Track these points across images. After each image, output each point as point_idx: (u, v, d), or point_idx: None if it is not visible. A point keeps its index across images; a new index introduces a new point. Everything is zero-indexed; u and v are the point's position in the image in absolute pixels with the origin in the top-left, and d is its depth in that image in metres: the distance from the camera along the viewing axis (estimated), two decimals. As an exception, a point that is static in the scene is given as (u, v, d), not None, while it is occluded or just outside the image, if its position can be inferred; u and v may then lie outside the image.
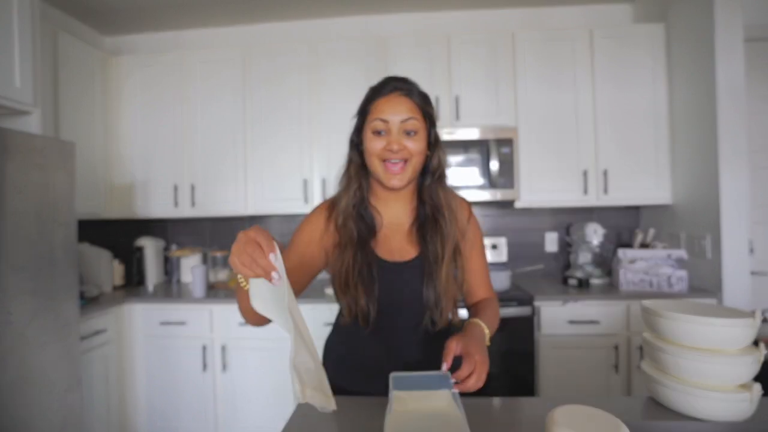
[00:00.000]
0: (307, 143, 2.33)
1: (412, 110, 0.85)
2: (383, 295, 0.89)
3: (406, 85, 0.87)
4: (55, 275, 1.59)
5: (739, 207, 1.84)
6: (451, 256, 0.89)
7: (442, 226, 0.89)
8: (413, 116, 0.84)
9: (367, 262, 0.88)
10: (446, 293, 0.88)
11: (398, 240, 0.93)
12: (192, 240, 2.74)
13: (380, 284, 0.88)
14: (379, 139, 0.85)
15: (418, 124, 0.85)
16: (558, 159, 2.23)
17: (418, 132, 0.86)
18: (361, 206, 0.92)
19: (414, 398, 0.79)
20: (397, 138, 0.84)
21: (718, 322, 0.74)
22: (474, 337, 0.82)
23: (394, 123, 0.84)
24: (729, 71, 1.84)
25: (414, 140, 0.85)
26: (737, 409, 0.73)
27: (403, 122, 0.84)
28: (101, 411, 1.98)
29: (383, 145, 0.84)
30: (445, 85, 2.27)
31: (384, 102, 0.85)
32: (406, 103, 0.85)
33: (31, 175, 1.50)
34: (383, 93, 0.86)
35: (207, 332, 2.09)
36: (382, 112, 0.84)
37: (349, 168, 0.93)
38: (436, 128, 0.91)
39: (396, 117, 0.84)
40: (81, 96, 2.25)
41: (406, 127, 0.84)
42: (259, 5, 2.49)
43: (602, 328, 1.92)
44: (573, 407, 0.62)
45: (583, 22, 2.53)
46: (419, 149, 0.86)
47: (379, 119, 0.84)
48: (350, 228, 0.89)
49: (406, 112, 0.84)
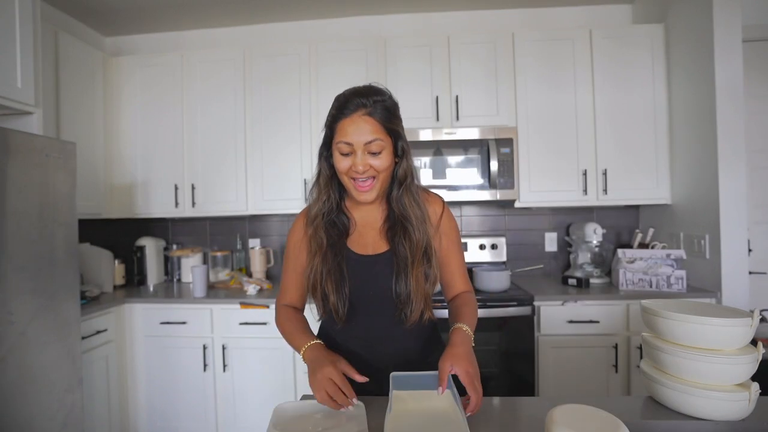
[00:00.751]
0: (307, 143, 2.33)
1: (376, 131, 0.86)
2: (357, 288, 0.93)
3: (370, 102, 0.87)
4: (56, 275, 1.59)
5: (738, 207, 1.85)
6: (421, 259, 0.92)
7: (410, 233, 0.93)
8: (377, 137, 0.86)
9: (338, 261, 0.92)
10: (417, 292, 0.90)
11: (372, 236, 0.98)
12: (192, 240, 2.74)
13: (354, 278, 0.92)
14: (346, 159, 0.88)
15: (382, 144, 0.87)
16: (558, 159, 2.23)
17: (383, 150, 0.88)
18: (332, 214, 0.96)
19: (414, 398, 0.79)
20: (362, 159, 0.86)
21: (717, 321, 0.74)
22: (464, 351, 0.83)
23: (359, 145, 0.86)
24: (728, 71, 1.84)
25: (379, 158, 0.87)
26: (736, 409, 0.73)
27: (366, 144, 0.86)
28: (102, 411, 1.98)
29: (350, 165, 0.87)
30: (445, 85, 2.28)
31: (348, 123, 0.86)
32: (370, 124, 0.86)
33: (32, 175, 1.50)
34: (347, 113, 0.87)
35: (207, 332, 2.09)
36: (346, 135, 0.86)
37: (318, 179, 0.97)
38: (404, 140, 0.93)
39: (360, 139, 0.85)
40: (82, 96, 2.25)
41: (370, 149, 0.86)
42: (259, 5, 2.49)
43: (602, 328, 1.92)
44: (572, 407, 0.62)
45: (583, 22, 2.53)
46: (384, 165, 0.88)
47: (343, 142, 0.86)
48: (320, 237, 0.94)
49: (369, 134, 0.86)
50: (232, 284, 2.33)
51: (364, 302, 0.93)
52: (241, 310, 2.06)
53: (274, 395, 2.06)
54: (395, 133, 0.91)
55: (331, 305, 0.91)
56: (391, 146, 0.90)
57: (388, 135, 0.89)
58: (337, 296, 0.91)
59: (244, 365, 2.08)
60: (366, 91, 0.89)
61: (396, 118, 0.91)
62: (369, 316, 0.94)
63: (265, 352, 2.06)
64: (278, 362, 2.05)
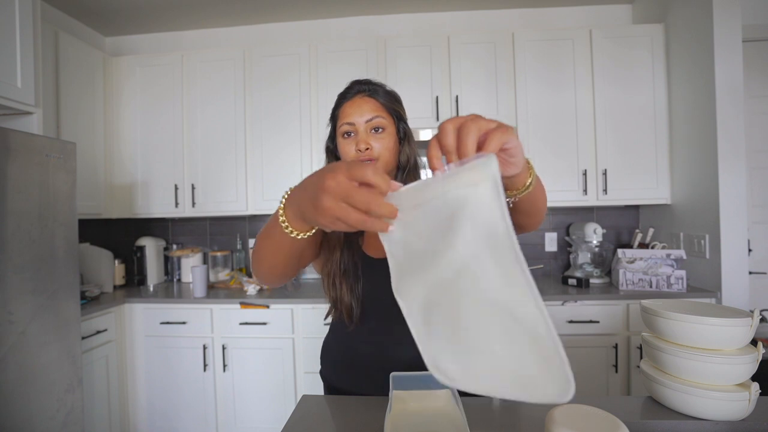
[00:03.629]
0: (307, 143, 2.33)
1: (377, 109, 0.87)
2: (370, 292, 0.91)
3: (371, 86, 0.89)
4: (56, 275, 1.59)
5: (738, 207, 1.85)
6: None
7: None
8: (378, 114, 0.87)
9: (353, 262, 0.91)
10: None
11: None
12: (192, 240, 2.74)
13: (367, 281, 0.91)
14: (349, 141, 0.87)
15: (384, 122, 0.87)
16: (557, 159, 2.23)
17: (386, 128, 0.87)
18: None
19: (414, 398, 0.79)
20: (364, 137, 0.86)
21: (717, 321, 0.74)
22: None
23: (360, 124, 0.86)
24: (728, 71, 1.84)
25: (380, 138, 0.87)
26: (736, 409, 0.73)
27: (368, 122, 0.86)
28: (102, 411, 1.98)
29: (354, 147, 0.87)
30: (445, 85, 2.28)
31: (349, 105, 0.88)
32: (371, 103, 0.87)
33: (32, 175, 1.50)
34: (348, 97, 0.89)
35: (207, 332, 2.09)
36: (348, 115, 0.87)
37: None
38: (406, 124, 0.94)
39: (361, 118, 0.86)
40: (82, 96, 2.25)
41: (371, 125, 0.86)
42: (259, 5, 2.49)
43: (602, 328, 1.92)
44: (572, 407, 0.62)
45: (583, 22, 2.53)
46: (386, 146, 0.87)
47: (345, 123, 0.87)
48: (338, 232, 0.92)
49: (370, 111, 0.87)
50: (232, 284, 2.33)
51: (377, 305, 0.92)
52: (241, 310, 2.06)
53: (274, 395, 2.06)
54: (397, 114, 0.91)
55: (344, 307, 0.90)
56: (393, 127, 0.90)
57: (390, 115, 0.89)
58: (351, 297, 0.90)
59: (244, 365, 2.08)
60: (364, 81, 0.91)
61: (398, 102, 0.92)
62: (381, 320, 0.93)
63: (265, 352, 2.06)
64: (278, 362, 2.05)
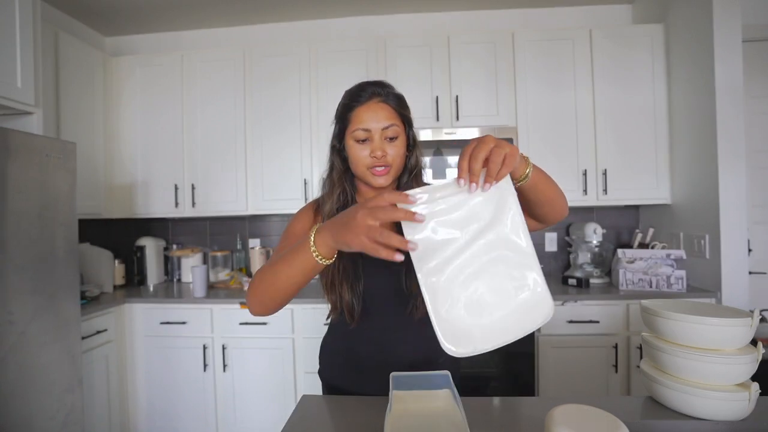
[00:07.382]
0: (307, 143, 2.33)
1: (391, 117, 0.88)
2: (371, 291, 0.92)
3: (383, 90, 0.89)
4: (56, 275, 1.59)
5: (738, 207, 1.85)
6: None
7: None
8: (393, 123, 0.87)
9: (353, 260, 0.91)
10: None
11: None
12: (192, 240, 2.74)
13: (367, 280, 0.91)
14: (363, 147, 0.87)
15: (398, 130, 0.88)
16: (557, 159, 2.23)
17: (399, 136, 0.89)
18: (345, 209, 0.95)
19: (414, 398, 0.79)
20: (379, 145, 0.86)
21: (717, 321, 0.74)
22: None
23: (376, 131, 0.86)
24: (728, 71, 1.84)
25: (395, 145, 0.88)
26: (736, 409, 0.73)
27: (384, 130, 0.86)
28: (102, 410, 1.98)
29: (368, 153, 0.87)
30: (445, 85, 2.28)
31: (364, 110, 0.87)
32: (386, 109, 0.87)
33: (32, 174, 1.50)
34: (361, 101, 0.88)
35: (207, 332, 2.09)
36: (363, 121, 0.86)
37: (332, 173, 0.96)
38: (413, 128, 0.95)
39: (377, 125, 0.86)
40: (82, 96, 2.25)
41: (387, 134, 0.87)
42: (259, 5, 2.49)
43: (602, 328, 1.92)
44: (572, 407, 0.62)
45: (583, 22, 2.53)
46: (400, 153, 0.89)
47: (360, 129, 0.86)
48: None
49: (385, 119, 0.87)
50: (232, 284, 2.33)
51: (377, 301, 0.93)
52: (241, 310, 2.06)
53: (274, 395, 2.06)
54: (408, 121, 0.92)
55: (345, 305, 0.91)
56: (404, 134, 0.91)
57: (402, 122, 0.90)
58: (352, 294, 0.90)
59: (244, 365, 2.08)
60: (376, 82, 0.91)
61: (406, 107, 0.93)
62: (381, 316, 0.94)
63: (265, 352, 2.06)
64: (278, 362, 2.05)
